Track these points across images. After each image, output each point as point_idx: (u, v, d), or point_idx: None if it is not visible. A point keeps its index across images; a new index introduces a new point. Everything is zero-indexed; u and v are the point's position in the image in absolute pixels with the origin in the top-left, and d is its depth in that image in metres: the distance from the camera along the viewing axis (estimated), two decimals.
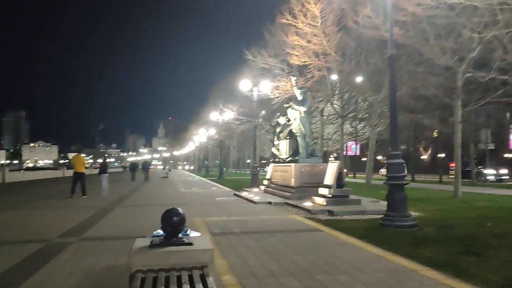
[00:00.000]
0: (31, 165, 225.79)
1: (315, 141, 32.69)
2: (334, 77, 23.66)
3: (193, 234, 4.33)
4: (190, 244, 3.68)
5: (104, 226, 9.12)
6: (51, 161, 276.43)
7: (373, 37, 16.66)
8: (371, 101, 21.39)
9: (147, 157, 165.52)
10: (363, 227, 8.57)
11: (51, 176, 46.68)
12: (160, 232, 4.14)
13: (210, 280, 3.08)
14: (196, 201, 14.95)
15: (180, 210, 3.79)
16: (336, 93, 25.30)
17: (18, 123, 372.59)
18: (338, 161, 12.60)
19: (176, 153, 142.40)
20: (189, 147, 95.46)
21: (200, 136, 62.72)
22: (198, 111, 69.24)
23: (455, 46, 14.44)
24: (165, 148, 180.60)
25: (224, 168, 47.55)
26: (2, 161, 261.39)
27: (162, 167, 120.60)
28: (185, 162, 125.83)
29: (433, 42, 14.35)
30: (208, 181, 33.94)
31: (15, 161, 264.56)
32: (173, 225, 3.72)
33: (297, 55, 20.45)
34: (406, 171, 9.16)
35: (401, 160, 8.80)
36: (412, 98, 21.24)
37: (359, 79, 21.22)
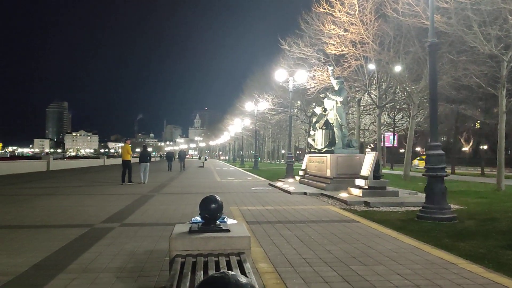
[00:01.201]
0: (73, 153, 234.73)
1: (351, 131, 32.35)
2: (372, 66, 23.20)
3: (230, 221, 4.44)
4: (228, 231, 3.79)
5: (144, 213, 9.42)
6: (92, 150, 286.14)
7: (413, 25, 16.21)
8: (410, 91, 20.88)
9: (183, 147, 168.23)
10: (400, 219, 8.47)
11: (92, 164, 48.35)
12: (198, 219, 4.27)
13: (248, 266, 3.16)
14: (232, 190, 15.14)
15: (218, 198, 3.90)
16: (373, 83, 24.79)
17: (61, 113, 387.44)
18: (375, 151, 12.42)
19: (211, 143, 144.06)
20: (224, 137, 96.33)
21: (235, 127, 63.12)
22: (234, 102, 69.74)
23: (500, 33, 13.86)
24: (201, 138, 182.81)
25: (259, 158, 47.73)
26: (47, 150, 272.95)
27: (197, 156, 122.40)
28: (221, 152, 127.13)
29: (477, 29, 13.81)
30: (243, 171, 34.22)
31: (58, 150, 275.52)
32: (211, 212, 3.83)
33: (334, 45, 20.20)
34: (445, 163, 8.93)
35: (441, 151, 8.59)
36: (454, 88, 20.57)
37: (397, 68, 20.70)
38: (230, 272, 1.34)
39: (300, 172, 18.41)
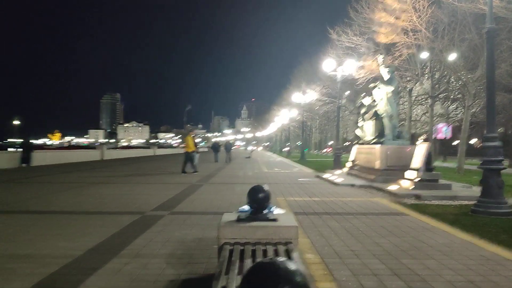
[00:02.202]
0: (125, 143, 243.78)
1: (402, 122, 31.36)
2: (424, 55, 22.29)
3: (277, 211, 4.43)
4: (275, 220, 3.79)
5: (193, 202, 9.63)
6: (143, 140, 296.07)
7: (469, 10, 15.39)
8: (466, 80, 19.90)
9: (230, 138, 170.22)
10: (453, 213, 8.14)
11: (143, 154, 50.03)
12: (246, 208, 4.30)
13: (295, 255, 3.15)
14: (278, 181, 15.16)
15: (266, 187, 3.90)
16: (426, 72, 23.86)
17: (114, 105, 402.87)
18: (427, 143, 11.98)
19: (258, 134, 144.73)
20: (271, 128, 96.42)
21: (282, 118, 62.98)
22: (281, 93, 69.63)
23: None
24: (248, 129, 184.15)
25: (306, 150, 47.42)
26: (101, 140, 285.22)
27: (244, 147, 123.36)
28: (268, 143, 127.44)
29: None
30: (289, 162, 34.17)
31: (112, 140, 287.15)
32: (259, 201, 3.85)
33: (384, 33, 19.58)
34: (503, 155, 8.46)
35: (498, 143, 8.15)
36: None
37: (452, 56, 19.77)
38: (279, 258, 1.33)
39: (348, 164, 18.12)
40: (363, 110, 17.27)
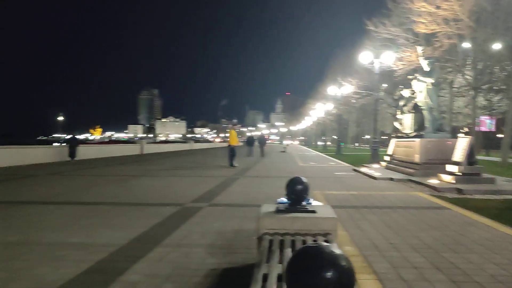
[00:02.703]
0: (163, 138, 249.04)
1: (442, 115, 30.45)
2: (466, 45, 21.53)
3: (315, 203, 4.47)
4: (314, 212, 3.82)
5: (230, 194, 9.78)
6: (179, 135, 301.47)
7: None
8: (510, 70, 19.09)
9: (265, 132, 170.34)
10: (497, 207, 7.89)
11: (180, 148, 50.96)
12: (284, 200, 4.36)
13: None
14: (315, 175, 15.10)
15: (304, 179, 3.93)
16: (468, 62, 23.04)
17: (152, 101, 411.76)
18: (469, 136, 11.62)
19: (293, 128, 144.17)
20: (306, 122, 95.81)
21: (317, 111, 62.45)
22: (316, 86, 69.01)
23: None
24: (283, 123, 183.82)
25: (342, 144, 46.92)
26: (139, 135, 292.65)
27: (279, 142, 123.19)
28: (302, 137, 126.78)
29: None
30: (325, 156, 33.90)
31: (150, 135, 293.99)
32: (298, 192, 3.89)
33: (424, 23, 19.05)
34: None
35: None
36: None
37: (496, 46, 19.00)
38: (324, 243, 1.37)
39: (386, 158, 17.81)
40: (402, 103, 16.92)
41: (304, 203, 4.00)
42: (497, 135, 48.72)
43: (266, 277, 2.55)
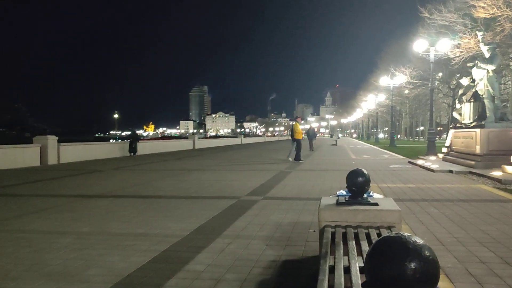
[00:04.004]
0: (213, 133, 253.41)
1: (504, 103, 28.81)
2: None
3: (376, 195, 4.41)
4: (376, 204, 3.77)
5: (284, 188, 9.81)
6: (229, 130, 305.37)
7: None
8: None
9: (314, 125, 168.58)
10: None
11: (230, 143, 51.64)
12: (343, 192, 4.34)
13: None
14: (369, 168, 14.79)
15: (365, 171, 3.89)
16: None
17: (201, 97, 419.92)
18: None
19: (343, 120, 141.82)
20: (356, 114, 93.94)
21: (368, 103, 61.03)
22: (367, 77, 67.43)
23: None
24: (332, 116, 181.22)
25: (395, 136, 45.59)
26: (191, 130, 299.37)
27: (329, 135, 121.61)
28: (353, 130, 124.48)
29: None
30: (378, 148, 33.10)
31: (201, 131, 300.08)
32: (359, 185, 3.85)
33: (483, 7, 18.04)
34: None
35: None
36: None
37: None
38: (405, 232, 1.37)
39: (444, 149, 17.12)
40: (460, 92, 16.17)
41: (365, 195, 3.96)
42: None
43: (332, 269, 2.56)
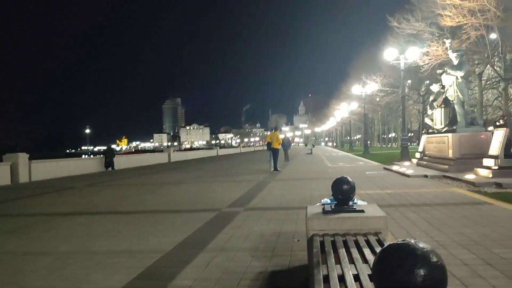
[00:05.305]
0: (188, 146, 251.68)
1: (472, 108, 29.74)
2: (494, 36, 21.00)
3: (360, 202, 4.44)
4: (362, 211, 3.80)
5: (264, 198, 9.79)
6: (204, 142, 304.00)
7: None
8: None
9: (289, 135, 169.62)
10: None
11: (206, 155, 51.33)
12: (328, 200, 4.36)
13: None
14: (346, 175, 14.93)
15: (350, 179, 3.92)
16: (496, 53, 22.44)
17: (175, 109, 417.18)
18: (505, 128, 11.31)
19: (317, 129, 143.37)
20: (330, 123, 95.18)
21: (341, 111, 61.95)
22: (339, 86, 68.64)
23: None
24: (306, 125, 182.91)
25: (368, 142, 46.33)
26: (165, 143, 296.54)
27: (303, 144, 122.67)
28: (327, 138, 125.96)
29: None
30: (353, 156, 33.56)
31: (175, 143, 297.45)
32: (344, 193, 3.88)
33: (449, 16, 18.69)
34: None
35: None
36: None
37: None
38: (411, 239, 1.37)
39: (417, 155, 17.51)
40: (431, 98, 16.61)
41: (350, 203, 3.99)
42: None
43: (326, 278, 2.56)
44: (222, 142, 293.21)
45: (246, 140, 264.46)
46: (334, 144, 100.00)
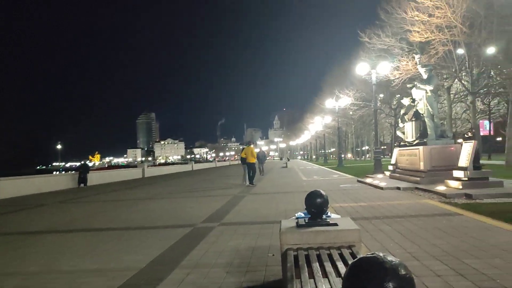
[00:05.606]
0: (162, 160, 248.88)
1: (441, 121, 30.57)
2: (461, 51, 21.76)
3: (334, 216, 4.46)
4: (336, 224, 3.81)
5: (239, 212, 9.74)
6: (179, 156, 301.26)
7: (507, 1, 14.97)
8: (508, 73, 19.26)
9: (264, 148, 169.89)
10: (510, 211, 7.86)
11: (181, 170, 50.85)
12: (302, 214, 4.36)
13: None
14: (320, 189, 15.03)
15: (323, 192, 3.94)
16: (463, 68, 23.23)
17: (149, 124, 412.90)
18: (473, 140, 11.64)
19: (292, 143, 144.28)
20: (304, 137, 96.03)
21: (315, 125, 62.65)
22: (313, 100, 69.46)
23: None
24: (281, 139, 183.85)
25: (343, 155, 46.89)
26: (139, 159, 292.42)
27: (278, 158, 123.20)
28: (302, 152, 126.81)
29: None
30: (327, 169, 33.86)
31: (149, 158, 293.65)
32: (318, 206, 3.89)
33: (418, 31, 19.28)
34: None
35: None
36: None
37: (491, 50, 19.19)
38: (380, 253, 1.38)
39: (390, 167, 17.81)
40: (402, 111, 16.99)
41: (324, 216, 4.00)
42: (496, 139, 48.84)
43: None
44: (198, 156, 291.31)
45: (221, 154, 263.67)
46: (313, 157, 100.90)
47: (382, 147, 77.49)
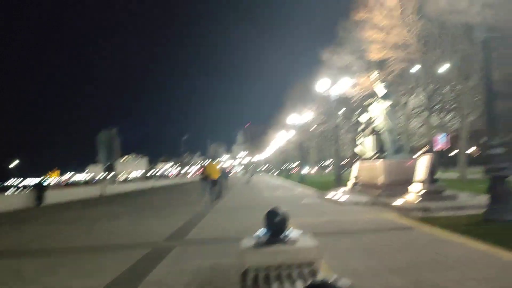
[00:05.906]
0: (124, 177, 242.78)
1: (399, 136, 31.52)
2: (417, 68, 22.64)
3: (294, 232, 4.43)
4: (295, 242, 3.79)
5: (202, 229, 9.61)
6: (141, 172, 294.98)
7: (459, 21, 15.71)
8: (461, 89, 20.15)
9: (228, 163, 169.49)
10: (464, 223, 8.13)
11: (143, 187, 49.78)
12: (263, 232, 4.30)
13: (321, 276, 3.15)
14: (283, 204, 14.94)
15: (282, 210, 3.92)
16: (419, 84, 24.14)
17: (111, 140, 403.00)
18: (429, 154, 12.02)
19: (255, 158, 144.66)
20: (268, 151, 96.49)
21: (278, 140, 63.14)
22: (275, 115, 69.97)
23: None
24: (245, 154, 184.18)
25: (305, 170, 47.35)
26: (100, 175, 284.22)
27: (242, 172, 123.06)
28: (266, 165, 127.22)
29: None
30: (290, 183, 34.07)
31: (111, 174, 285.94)
32: (277, 224, 3.86)
33: (375, 50, 19.92)
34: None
35: (502, 150, 8.21)
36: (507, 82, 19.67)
37: (445, 67, 20.07)
38: (330, 278, 1.36)
39: (351, 181, 18.09)
40: (361, 127, 17.39)
41: (284, 233, 3.97)
42: (451, 153, 50.78)
43: None
44: (161, 172, 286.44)
45: (186, 168, 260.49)
46: (275, 172, 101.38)
47: (345, 161, 78.96)
